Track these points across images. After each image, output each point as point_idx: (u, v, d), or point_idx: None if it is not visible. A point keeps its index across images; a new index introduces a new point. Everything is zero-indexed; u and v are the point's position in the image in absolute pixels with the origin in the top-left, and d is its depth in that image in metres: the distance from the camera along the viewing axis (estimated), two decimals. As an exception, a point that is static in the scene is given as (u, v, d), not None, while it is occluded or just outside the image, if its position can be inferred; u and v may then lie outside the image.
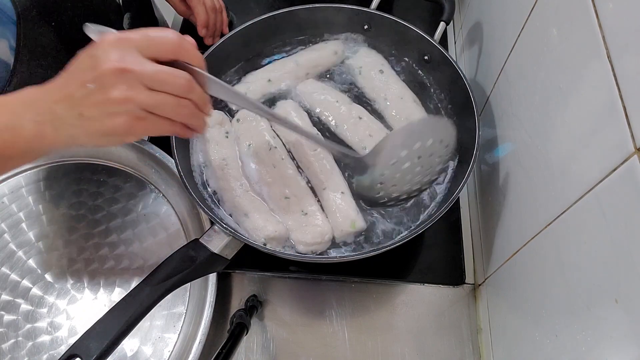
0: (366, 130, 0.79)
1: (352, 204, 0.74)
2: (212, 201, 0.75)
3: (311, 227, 0.71)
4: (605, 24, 0.45)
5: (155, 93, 0.47)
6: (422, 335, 0.78)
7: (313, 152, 0.77)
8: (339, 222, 0.72)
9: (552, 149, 0.56)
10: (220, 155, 0.77)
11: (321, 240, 0.71)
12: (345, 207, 0.73)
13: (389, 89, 0.83)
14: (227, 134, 0.79)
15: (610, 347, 0.43)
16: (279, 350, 0.77)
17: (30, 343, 0.74)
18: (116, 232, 0.82)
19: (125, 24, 0.90)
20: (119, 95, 0.46)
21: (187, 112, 0.50)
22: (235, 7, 1.09)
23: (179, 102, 0.49)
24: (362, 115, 0.80)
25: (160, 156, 0.83)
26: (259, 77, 0.85)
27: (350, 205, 0.73)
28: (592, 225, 0.46)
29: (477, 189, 0.87)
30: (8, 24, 0.67)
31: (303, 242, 0.71)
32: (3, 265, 0.79)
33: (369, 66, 0.86)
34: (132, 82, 0.46)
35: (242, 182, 0.75)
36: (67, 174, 0.87)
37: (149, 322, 0.75)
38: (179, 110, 0.49)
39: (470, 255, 0.84)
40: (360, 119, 0.80)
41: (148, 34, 0.49)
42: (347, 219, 0.72)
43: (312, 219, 0.72)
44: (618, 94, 0.42)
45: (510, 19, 0.71)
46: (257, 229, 0.71)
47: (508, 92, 0.72)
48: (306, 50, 0.88)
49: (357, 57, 0.87)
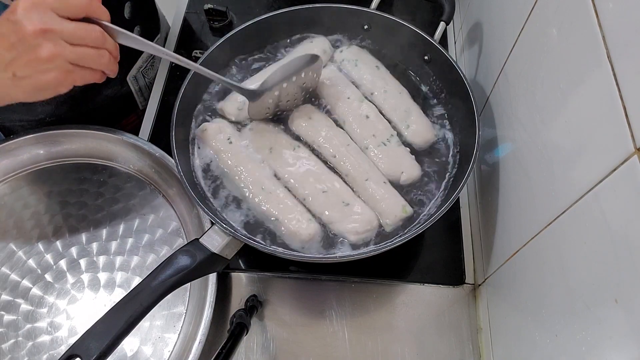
0: (371, 130, 0.79)
1: (396, 191, 0.75)
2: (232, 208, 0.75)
3: (357, 216, 0.72)
4: (605, 24, 0.45)
5: (77, 47, 0.54)
6: (422, 335, 0.78)
7: (348, 146, 0.77)
8: (389, 209, 0.73)
9: (552, 149, 0.56)
10: (233, 163, 0.76)
11: (371, 227, 0.72)
12: (393, 195, 0.74)
13: (388, 84, 0.83)
14: (229, 140, 0.78)
15: (610, 347, 0.43)
16: (279, 350, 0.77)
17: (30, 343, 0.74)
18: (116, 232, 0.82)
19: (126, 12, 0.90)
20: (48, 53, 0.52)
21: (105, 60, 0.58)
22: (235, 7, 1.09)
23: (98, 52, 0.56)
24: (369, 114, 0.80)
25: (160, 156, 0.83)
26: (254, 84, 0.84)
27: (395, 192, 0.75)
28: (592, 225, 0.46)
29: (477, 189, 0.87)
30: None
31: (353, 232, 0.71)
32: (3, 265, 0.79)
33: (365, 60, 0.86)
34: (56, 40, 0.52)
35: (263, 185, 0.74)
36: (67, 174, 0.87)
37: (149, 322, 0.75)
38: (99, 59, 0.57)
39: (470, 255, 0.84)
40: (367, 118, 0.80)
41: None
42: (398, 205, 0.73)
43: (354, 208, 0.73)
44: (618, 94, 0.42)
45: (510, 19, 0.71)
46: (291, 234, 0.71)
47: (508, 92, 0.72)
48: (293, 53, 0.87)
49: (351, 50, 0.87)
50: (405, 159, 0.77)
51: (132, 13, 0.91)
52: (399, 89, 0.84)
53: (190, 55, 1.02)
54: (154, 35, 1.04)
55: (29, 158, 0.87)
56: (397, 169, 0.76)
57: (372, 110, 0.81)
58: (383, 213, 0.73)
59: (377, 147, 0.78)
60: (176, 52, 1.03)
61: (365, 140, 0.79)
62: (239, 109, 0.82)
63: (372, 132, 0.79)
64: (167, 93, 0.99)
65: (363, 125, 0.80)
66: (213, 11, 1.05)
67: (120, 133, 0.85)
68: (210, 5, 1.05)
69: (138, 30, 0.96)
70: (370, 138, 0.78)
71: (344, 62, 0.87)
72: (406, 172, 0.76)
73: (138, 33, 0.96)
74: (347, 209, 0.73)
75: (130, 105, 1.03)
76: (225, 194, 0.76)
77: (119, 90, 0.96)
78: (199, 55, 0.81)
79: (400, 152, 0.78)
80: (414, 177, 0.76)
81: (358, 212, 0.73)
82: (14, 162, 0.86)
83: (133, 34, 0.61)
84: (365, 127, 0.79)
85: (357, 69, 0.85)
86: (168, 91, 0.99)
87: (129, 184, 0.86)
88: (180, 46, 1.06)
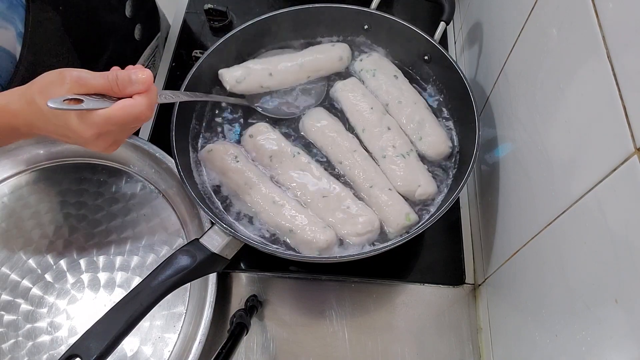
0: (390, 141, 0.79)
1: (401, 198, 0.74)
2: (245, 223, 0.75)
3: (358, 218, 0.72)
4: (605, 24, 0.45)
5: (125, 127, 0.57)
6: (422, 335, 0.78)
7: (355, 152, 0.77)
8: (393, 217, 0.72)
9: (552, 149, 0.56)
10: (242, 182, 0.75)
11: (372, 228, 0.72)
12: (397, 202, 0.74)
13: (403, 94, 0.83)
14: (236, 159, 0.77)
15: (610, 347, 0.43)
16: (279, 350, 0.77)
17: (30, 343, 0.74)
18: (116, 232, 0.82)
19: (127, 11, 0.90)
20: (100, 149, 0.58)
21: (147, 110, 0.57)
22: (236, 7, 1.09)
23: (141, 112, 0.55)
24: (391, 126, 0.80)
25: (160, 156, 0.83)
26: (260, 67, 0.84)
27: (400, 200, 0.74)
28: (592, 225, 0.46)
29: (477, 189, 0.87)
30: (17, 7, 0.68)
31: (354, 234, 0.71)
32: (3, 265, 0.79)
33: (383, 70, 0.85)
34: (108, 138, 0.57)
35: (274, 199, 0.74)
36: (67, 174, 0.87)
37: (149, 322, 0.75)
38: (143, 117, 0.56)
39: (470, 256, 0.84)
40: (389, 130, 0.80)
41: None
42: (402, 212, 0.73)
43: (355, 210, 0.73)
44: (618, 94, 0.42)
45: (510, 19, 0.71)
46: (307, 243, 0.71)
47: (508, 92, 0.72)
48: (311, 51, 0.87)
49: (371, 59, 0.87)
50: (423, 174, 0.76)
51: (133, 12, 0.92)
52: (415, 99, 0.83)
53: (190, 55, 1.02)
54: (154, 34, 1.04)
55: (29, 158, 0.87)
56: (414, 181, 0.75)
57: (394, 123, 0.81)
58: (387, 221, 0.73)
59: (395, 158, 0.77)
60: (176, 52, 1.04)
61: (383, 150, 0.78)
62: (237, 81, 0.82)
63: (392, 143, 0.78)
64: (167, 93, 0.99)
65: (383, 136, 0.79)
66: (213, 11, 1.05)
67: (120, 133, 0.85)
68: (210, 5, 1.05)
69: (139, 29, 0.96)
70: (389, 148, 0.78)
71: (362, 72, 0.86)
72: (422, 187, 0.75)
73: (139, 31, 0.96)
74: (348, 212, 0.73)
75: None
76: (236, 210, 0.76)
77: None
78: (199, 55, 0.81)
79: (420, 168, 0.77)
80: (429, 193, 0.75)
81: (359, 214, 0.72)
82: (14, 162, 0.86)
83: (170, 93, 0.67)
84: (385, 138, 0.79)
85: (375, 79, 0.85)
86: (168, 91, 0.99)
87: (129, 184, 0.86)
88: (180, 46, 1.06)
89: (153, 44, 1.04)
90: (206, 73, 0.82)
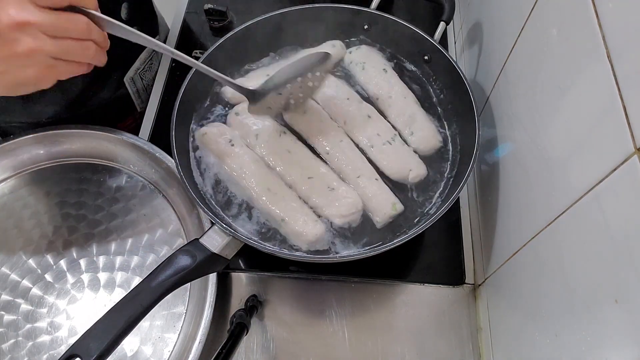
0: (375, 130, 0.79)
1: (388, 188, 0.75)
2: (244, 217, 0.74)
3: (342, 199, 0.73)
4: (605, 24, 0.45)
5: (60, 40, 0.50)
6: (422, 335, 0.78)
7: (341, 142, 0.77)
8: (380, 206, 0.73)
9: (552, 149, 0.56)
10: (237, 166, 0.75)
11: (355, 210, 0.72)
12: (384, 192, 0.74)
13: (393, 88, 0.83)
14: (231, 142, 0.77)
15: (610, 347, 0.43)
16: (279, 350, 0.77)
17: (30, 343, 0.74)
18: (116, 232, 0.82)
19: (123, 14, 0.89)
20: (25, 48, 0.48)
21: (91, 52, 0.54)
22: (236, 7, 1.09)
23: (83, 44, 0.53)
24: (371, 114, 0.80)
25: (160, 156, 0.83)
26: (259, 74, 0.85)
27: (386, 189, 0.75)
28: (592, 225, 0.46)
29: (477, 189, 0.87)
30: None
31: (338, 215, 0.72)
32: (3, 265, 0.79)
33: (372, 63, 0.86)
34: (35, 34, 0.48)
35: (268, 185, 0.74)
36: (67, 174, 0.87)
37: (149, 322, 0.75)
38: (84, 52, 0.53)
39: (470, 255, 0.84)
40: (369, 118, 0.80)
41: None
42: (388, 202, 0.73)
43: (340, 192, 0.73)
44: (618, 94, 0.42)
45: (510, 19, 0.71)
46: (297, 235, 0.71)
47: (508, 92, 0.72)
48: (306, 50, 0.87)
49: (360, 52, 0.87)
50: (412, 158, 0.77)
51: (129, 14, 0.90)
52: (404, 93, 0.83)
53: (190, 55, 1.01)
54: (152, 37, 1.03)
55: (29, 158, 0.87)
56: (405, 167, 0.76)
57: (373, 110, 0.81)
58: (374, 210, 0.73)
59: (382, 146, 0.78)
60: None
61: (369, 139, 0.78)
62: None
63: (375, 131, 0.79)
64: (167, 93, 0.99)
65: (366, 125, 0.79)
66: (213, 11, 1.05)
67: (120, 133, 0.85)
68: (210, 5, 1.04)
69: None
70: (374, 137, 0.78)
71: (352, 65, 0.86)
72: (414, 170, 0.76)
73: None
74: (333, 193, 0.73)
75: (127, 108, 1.02)
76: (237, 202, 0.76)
77: (115, 92, 0.96)
78: (199, 56, 0.81)
79: (406, 151, 0.78)
80: (422, 175, 0.76)
81: (343, 195, 0.73)
82: (14, 162, 0.86)
83: (122, 24, 0.56)
84: (369, 127, 0.79)
85: (365, 72, 0.85)
86: (168, 91, 0.99)
87: (128, 184, 0.86)
88: (180, 46, 1.06)
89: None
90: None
